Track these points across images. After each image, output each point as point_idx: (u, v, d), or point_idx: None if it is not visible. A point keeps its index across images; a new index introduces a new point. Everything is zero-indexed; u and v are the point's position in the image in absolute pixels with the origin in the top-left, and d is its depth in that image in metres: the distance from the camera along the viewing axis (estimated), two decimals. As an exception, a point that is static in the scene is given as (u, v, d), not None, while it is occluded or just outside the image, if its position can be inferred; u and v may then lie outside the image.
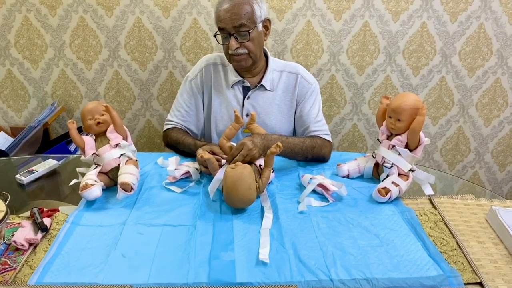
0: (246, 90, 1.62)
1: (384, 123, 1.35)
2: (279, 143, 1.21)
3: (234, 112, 1.31)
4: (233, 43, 1.45)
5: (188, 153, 1.54)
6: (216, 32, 1.51)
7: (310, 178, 1.30)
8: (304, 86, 1.62)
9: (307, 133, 1.59)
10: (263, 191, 1.27)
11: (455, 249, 1.06)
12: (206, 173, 1.37)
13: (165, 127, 1.68)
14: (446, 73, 2.37)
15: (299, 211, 1.19)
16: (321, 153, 1.52)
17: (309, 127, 1.59)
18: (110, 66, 2.28)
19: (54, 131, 2.39)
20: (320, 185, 1.28)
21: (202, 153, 1.22)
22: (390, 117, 1.30)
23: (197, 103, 1.65)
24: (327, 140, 1.57)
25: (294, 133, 1.70)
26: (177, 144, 1.58)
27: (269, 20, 1.55)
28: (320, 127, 1.59)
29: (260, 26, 1.50)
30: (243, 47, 1.47)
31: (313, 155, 1.50)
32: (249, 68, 1.57)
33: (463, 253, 1.04)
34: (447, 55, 2.32)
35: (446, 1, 2.20)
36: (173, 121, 1.66)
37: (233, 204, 1.19)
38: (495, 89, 2.41)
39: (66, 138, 2.15)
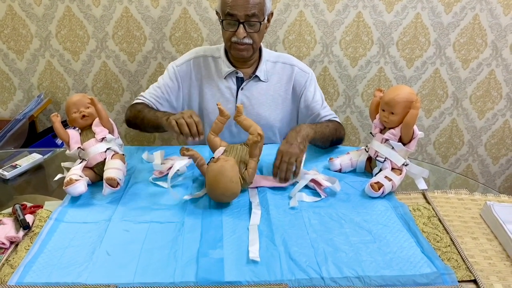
0: (239, 81, 1.61)
1: (377, 116, 1.32)
2: (260, 132, 1.19)
3: (217, 105, 1.28)
4: (241, 31, 1.44)
5: (146, 125, 1.49)
6: (221, 17, 1.49)
7: (304, 173, 1.27)
8: (302, 76, 1.63)
9: (319, 119, 1.60)
10: (251, 183, 1.24)
11: (449, 246, 1.03)
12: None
13: (134, 102, 1.61)
14: (440, 65, 2.34)
15: (290, 206, 1.16)
16: (340, 135, 1.56)
17: (320, 113, 1.61)
18: (97, 57, 2.23)
19: (41, 124, 2.34)
20: (312, 180, 1.25)
21: (184, 149, 1.19)
22: (383, 110, 1.28)
23: (178, 91, 1.62)
24: (340, 122, 1.61)
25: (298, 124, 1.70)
26: (136, 117, 1.52)
27: (272, 14, 1.56)
28: (328, 111, 1.63)
29: (266, 19, 1.50)
30: (249, 37, 1.47)
31: (336, 137, 1.53)
32: (247, 59, 1.56)
33: (457, 250, 1.02)
34: (441, 46, 2.29)
35: (441, -8, 2.17)
36: (144, 97, 1.60)
37: (216, 198, 1.16)
38: (489, 81, 2.39)
39: (53, 131, 2.10)
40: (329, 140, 1.50)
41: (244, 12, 1.42)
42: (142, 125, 1.53)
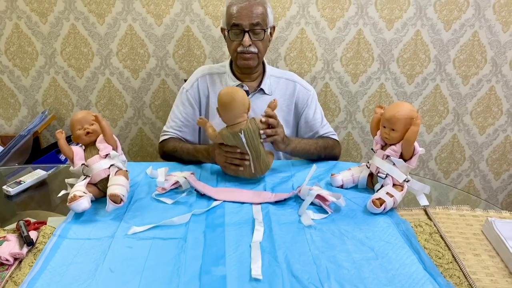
0: None
1: (378, 132, 1.33)
2: (274, 100, 1.38)
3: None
4: (247, 39, 1.51)
5: (186, 160, 1.55)
6: (225, 28, 1.56)
7: (308, 190, 1.27)
8: (304, 94, 1.69)
9: (317, 137, 1.67)
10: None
11: (451, 262, 1.03)
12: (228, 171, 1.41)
13: (161, 138, 1.68)
14: (441, 81, 2.36)
15: (306, 225, 1.16)
16: (332, 152, 1.61)
17: (318, 131, 1.68)
18: (101, 74, 2.25)
19: (45, 140, 2.36)
20: (317, 196, 1.25)
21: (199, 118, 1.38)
22: (384, 127, 1.29)
23: (193, 113, 1.66)
24: (337, 140, 1.67)
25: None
26: (175, 152, 1.58)
27: (274, 28, 1.62)
28: (327, 129, 1.70)
29: (269, 30, 1.57)
30: (255, 46, 1.53)
31: (326, 154, 1.58)
32: (252, 70, 1.62)
33: (459, 266, 1.02)
34: (441, 63, 2.32)
35: (440, 9, 2.20)
36: (169, 132, 1.66)
37: (231, 115, 1.30)
38: (490, 97, 2.41)
39: (57, 147, 2.12)
40: (314, 156, 1.57)
41: (249, 21, 1.49)
42: (183, 160, 1.57)
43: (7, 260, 0.99)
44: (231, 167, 1.38)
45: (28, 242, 1.04)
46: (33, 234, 1.07)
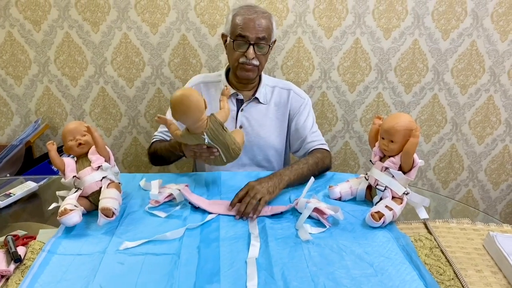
0: (239, 103, 1.65)
1: (377, 144, 1.31)
2: (227, 87, 1.38)
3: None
4: (251, 51, 1.51)
5: (167, 158, 1.58)
6: (228, 37, 1.56)
7: (306, 203, 1.24)
8: (297, 101, 1.67)
9: (305, 144, 1.63)
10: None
11: (453, 279, 1.00)
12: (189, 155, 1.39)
13: (151, 142, 1.69)
14: (439, 90, 2.35)
15: (303, 240, 1.12)
16: (324, 165, 1.54)
17: (306, 138, 1.63)
18: (96, 83, 2.23)
19: (38, 149, 2.32)
20: (315, 209, 1.22)
21: (157, 116, 1.30)
22: (383, 138, 1.26)
23: None
24: (326, 149, 1.61)
25: (289, 147, 1.73)
26: (156, 152, 1.60)
27: (275, 41, 1.62)
28: (316, 137, 1.64)
29: (271, 44, 1.57)
30: (257, 59, 1.53)
31: (319, 170, 1.52)
32: (249, 81, 1.61)
33: (461, 283, 0.99)
34: (439, 72, 2.30)
35: (438, 18, 2.19)
36: (156, 136, 1.67)
37: (189, 122, 1.25)
38: (488, 107, 2.39)
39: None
40: (309, 177, 1.42)
41: (255, 35, 1.49)
42: (165, 159, 1.61)
43: (-7, 277, 0.96)
44: (202, 158, 1.35)
45: (16, 259, 1.01)
46: (21, 250, 1.04)
